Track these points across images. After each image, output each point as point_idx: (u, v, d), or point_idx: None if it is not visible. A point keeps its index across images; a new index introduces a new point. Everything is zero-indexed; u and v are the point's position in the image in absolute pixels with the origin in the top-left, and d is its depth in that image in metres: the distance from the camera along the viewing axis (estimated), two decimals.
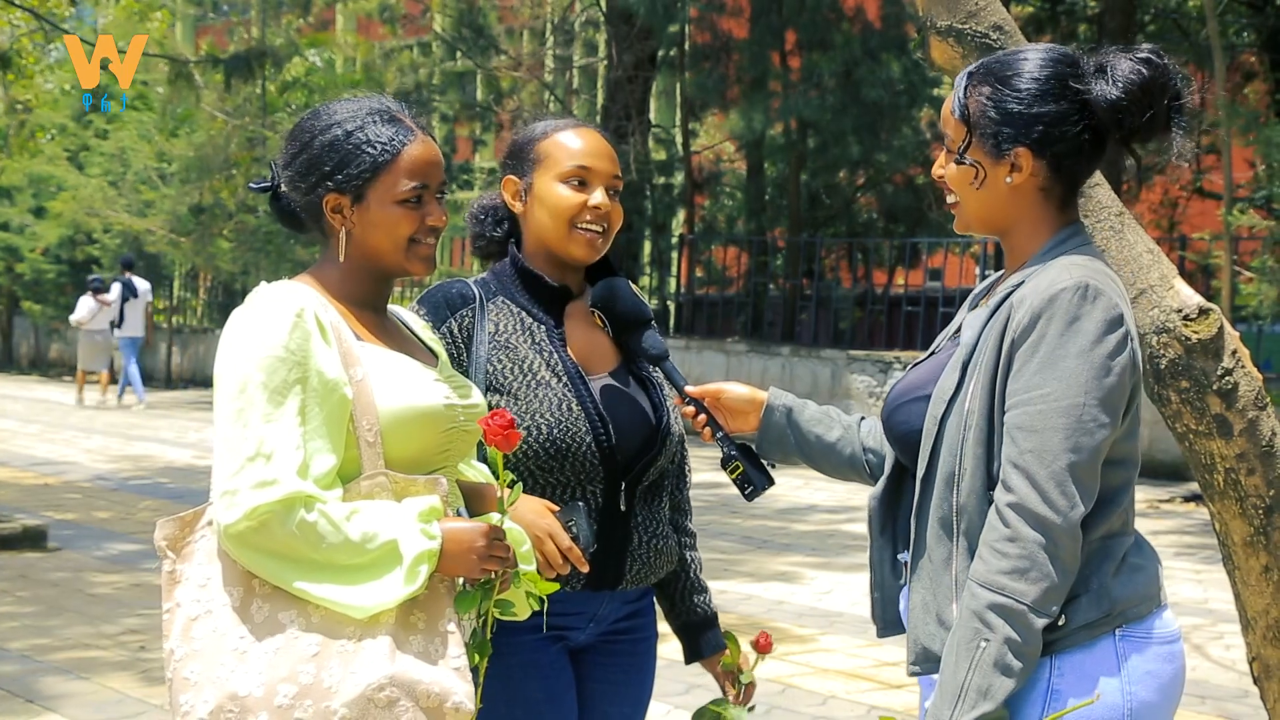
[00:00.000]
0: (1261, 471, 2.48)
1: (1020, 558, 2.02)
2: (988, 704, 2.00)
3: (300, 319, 2.15)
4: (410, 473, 2.21)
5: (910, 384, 2.27)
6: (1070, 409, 2.04)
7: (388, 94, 2.40)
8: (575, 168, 2.61)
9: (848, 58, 16.39)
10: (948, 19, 2.72)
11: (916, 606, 2.17)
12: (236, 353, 2.15)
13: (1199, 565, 8.76)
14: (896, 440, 2.27)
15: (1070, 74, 2.18)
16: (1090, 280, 2.09)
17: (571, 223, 2.61)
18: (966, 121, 2.20)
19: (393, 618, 2.12)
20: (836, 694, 5.74)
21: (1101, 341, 2.06)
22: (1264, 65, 17.65)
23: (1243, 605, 2.62)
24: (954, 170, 2.23)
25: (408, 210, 2.27)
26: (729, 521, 10.13)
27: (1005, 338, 2.11)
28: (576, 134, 2.66)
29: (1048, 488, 2.03)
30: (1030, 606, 2.02)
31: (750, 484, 2.52)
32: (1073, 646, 2.09)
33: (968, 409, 2.12)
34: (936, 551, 2.14)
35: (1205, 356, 2.47)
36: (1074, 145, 2.19)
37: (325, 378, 2.15)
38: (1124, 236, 2.66)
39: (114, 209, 21.42)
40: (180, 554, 2.19)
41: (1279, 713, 2.62)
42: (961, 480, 2.12)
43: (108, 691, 5.53)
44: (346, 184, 2.25)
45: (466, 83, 20.91)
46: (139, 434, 15.62)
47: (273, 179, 2.36)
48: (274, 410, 2.10)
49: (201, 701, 2.08)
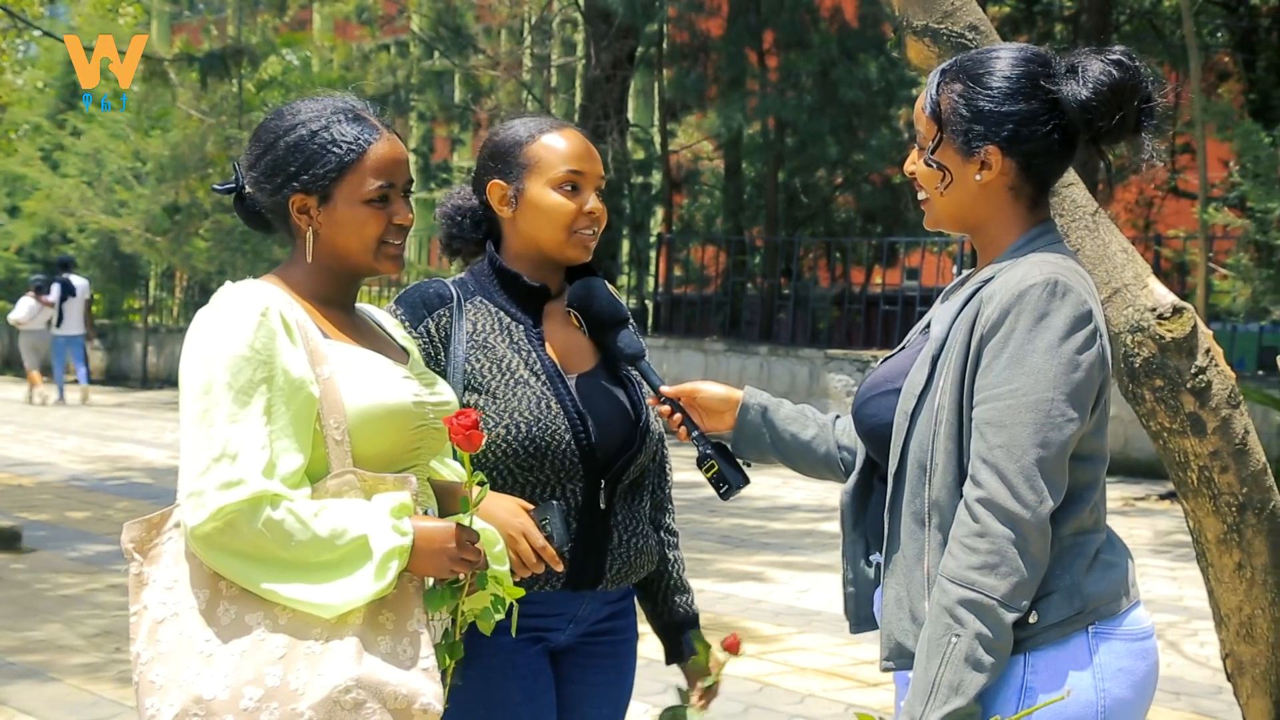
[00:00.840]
0: (1234, 469, 2.49)
1: (990, 553, 2.03)
2: (959, 699, 2.01)
3: (265, 318, 2.14)
4: (380, 471, 2.20)
5: (880, 378, 2.28)
6: (1038, 404, 2.05)
7: (351, 93, 2.37)
8: (568, 173, 2.61)
9: (825, 57, 16.41)
10: (924, 19, 2.73)
11: (890, 602, 2.17)
12: (201, 353, 2.13)
13: (1174, 563, 8.80)
14: (866, 434, 2.27)
15: (1041, 73, 2.18)
16: (1060, 276, 2.10)
17: (569, 228, 2.61)
18: (938, 119, 2.20)
19: (360, 618, 2.11)
20: (814, 692, 5.75)
21: (1070, 337, 2.07)
22: (1238, 65, 17.77)
23: (1216, 602, 2.63)
24: (924, 168, 2.24)
25: (375, 210, 2.25)
26: (707, 520, 10.13)
27: (974, 333, 2.11)
28: (563, 136, 2.64)
29: (1016, 482, 2.04)
30: (1000, 601, 2.02)
31: (726, 483, 2.52)
32: (1046, 644, 2.09)
33: (938, 404, 2.12)
34: (909, 547, 2.14)
35: (1179, 355, 2.48)
36: (1044, 144, 2.19)
37: (291, 376, 2.13)
38: (1098, 235, 2.67)
39: (89, 208, 21.31)
40: (147, 556, 2.17)
41: (1252, 708, 2.64)
42: (933, 475, 2.12)
43: (81, 693, 5.50)
44: (313, 184, 2.24)
45: (444, 82, 20.86)
46: (115, 434, 15.54)
47: (237, 180, 2.34)
48: (239, 410, 2.08)
49: (167, 705, 2.07)
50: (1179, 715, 5.54)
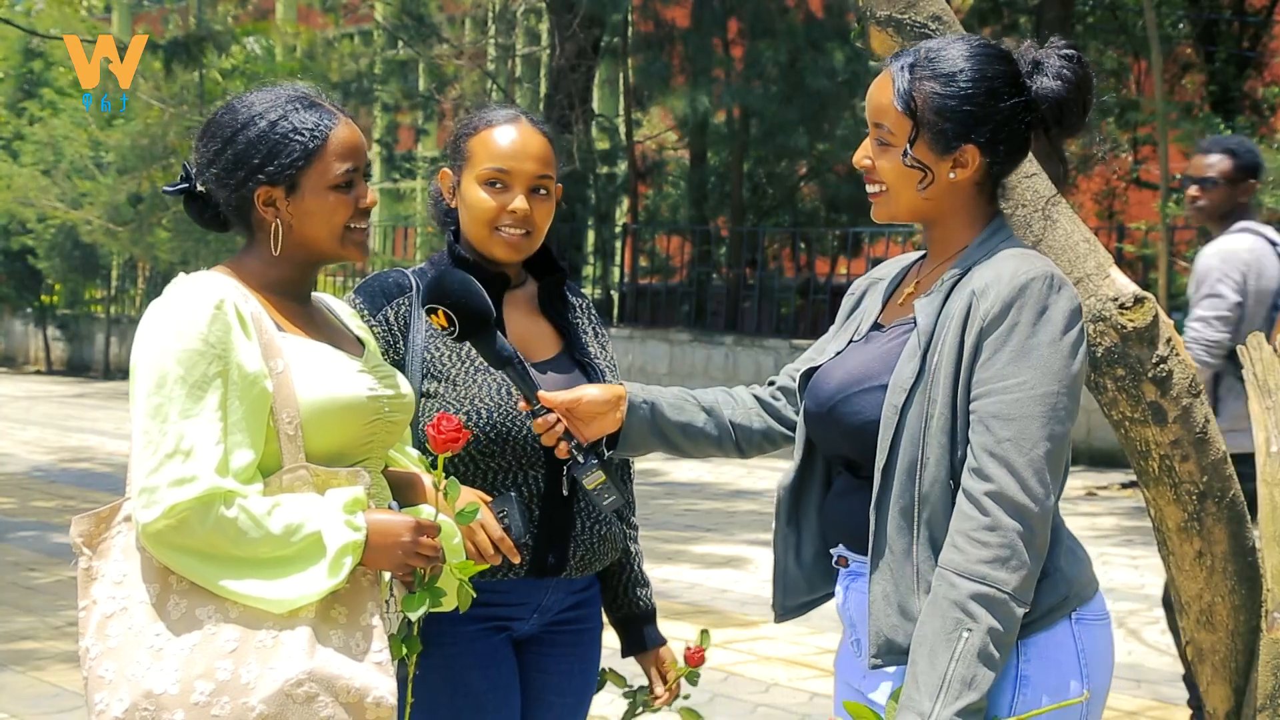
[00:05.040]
0: (1195, 458, 2.50)
1: (1001, 546, 2.02)
2: (973, 694, 1.99)
3: (220, 310, 2.12)
4: (333, 465, 2.18)
5: (853, 375, 2.24)
6: (1045, 397, 2.05)
7: (299, 82, 2.34)
8: (493, 170, 2.59)
9: (791, 47, 16.42)
10: (887, 9, 2.73)
11: (877, 598, 2.14)
12: (155, 346, 2.11)
13: (1135, 551, 8.87)
14: (847, 432, 2.22)
15: (1014, 71, 2.19)
16: (1054, 271, 2.12)
17: (491, 225, 2.59)
18: (912, 115, 2.18)
19: (313, 612, 2.09)
20: (779, 681, 5.77)
21: (1069, 331, 2.08)
22: (1200, 57, 17.87)
23: (1177, 590, 2.65)
24: (898, 167, 2.22)
25: (341, 195, 2.24)
26: (672, 508, 10.14)
27: (970, 326, 2.10)
28: (503, 132, 2.61)
29: (1026, 475, 2.03)
30: (1011, 595, 2.01)
31: (611, 494, 2.41)
32: (1035, 631, 2.10)
33: (930, 398, 2.11)
34: (897, 542, 2.12)
35: (1140, 344, 2.50)
36: (1018, 142, 2.21)
37: (245, 371, 2.11)
38: (1059, 225, 2.68)
39: (48, 198, 21.13)
40: (96, 550, 2.15)
41: (1212, 695, 2.66)
42: (924, 470, 2.10)
43: (45, 685, 5.47)
44: (279, 175, 2.21)
45: (408, 72, 20.78)
46: (76, 425, 15.43)
47: (187, 180, 2.30)
48: (193, 406, 2.06)
49: (116, 700, 2.05)
50: (1139, 703, 5.59)
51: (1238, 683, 2.61)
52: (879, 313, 2.34)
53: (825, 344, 2.41)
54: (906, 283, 2.35)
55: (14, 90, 25.19)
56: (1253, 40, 17.91)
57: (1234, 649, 2.60)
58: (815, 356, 2.39)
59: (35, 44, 23.04)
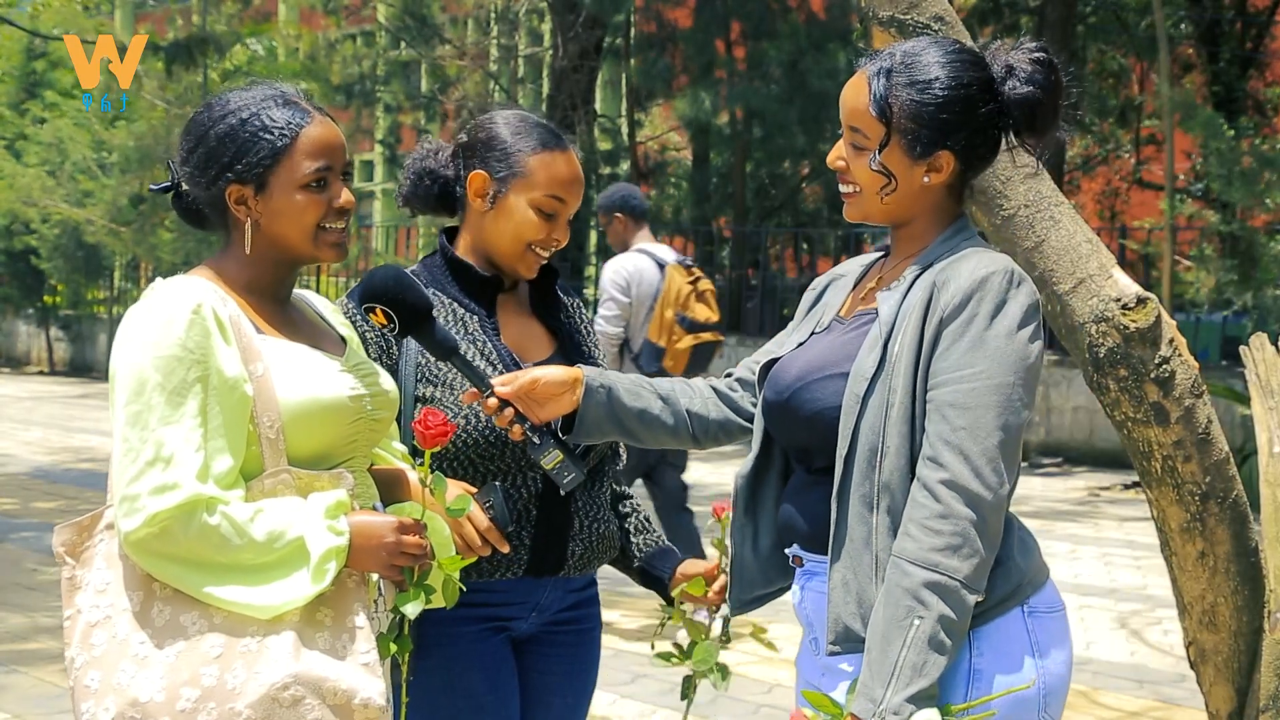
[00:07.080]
0: (1197, 459, 2.50)
1: (954, 534, 2.04)
2: (923, 680, 2.01)
3: (198, 315, 2.10)
4: (315, 467, 2.17)
5: (813, 364, 2.26)
6: (1001, 387, 2.08)
7: (283, 82, 2.31)
8: (554, 199, 2.61)
9: (793, 48, 16.42)
10: (889, 9, 2.74)
11: (835, 586, 2.16)
12: (134, 352, 2.09)
13: (1138, 552, 8.86)
14: (806, 419, 2.23)
15: (988, 77, 2.21)
16: (1014, 267, 2.15)
17: (529, 245, 2.61)
18: (886, 121, 2.19)
19: (298, 615, 2.08)
20: (781, 682, 5.76)
21: (1024, 326, 2.11)
22: (1201, 58, 17.88)
23: (1179, 590, 2.65)
24: (867, 171, 2.23)
25: (312, 195, 2.21)
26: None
27: (930, 317, 2.12)
28: (567, 160, 2.64)
29: (980, 464, 2.05)
30: (963, 583, 2.04)
31: (570, 472, 2.41)
32: (987, 622, 2.12)
33: (890, 387, 2.13)
34: (856, 531, 2.14)
35: (1143, 345, 2.50)
36: (992, 147, 2.24)
37: (224, 376, 2.09)
38: (1063, 226, 2.68)
39: (52, 198, 21.14)
40: (79, 559, 2.14)
41: (1214, 696, 2.66)
42: (884, 459, 2.12)
43: (45, 685, 5.47)
44: (247, 173, 2.19)
45: (411, 73, 20.77)
46: (79, 425, 15.44)
47: (172, 178, 2.30)
48: (173, 412, 2.05)
49: (103, 709, 2.04)
50: (1142, 703, 5.59)
51: (1240, 683, 2.61)
52: (841, 307, 2.35)
53: (785, 337, 2.43)
54: (869, 278, 2.36)
55: (17, 90, 25.19)
56: (1255, 40, 17.92)
57: (1236, 650, 2.60)
58: (775, 349, 2.41)
59: (38, 44, 23.05)
